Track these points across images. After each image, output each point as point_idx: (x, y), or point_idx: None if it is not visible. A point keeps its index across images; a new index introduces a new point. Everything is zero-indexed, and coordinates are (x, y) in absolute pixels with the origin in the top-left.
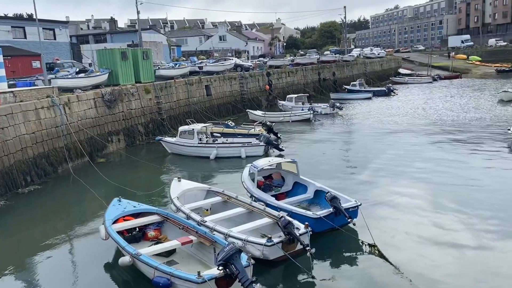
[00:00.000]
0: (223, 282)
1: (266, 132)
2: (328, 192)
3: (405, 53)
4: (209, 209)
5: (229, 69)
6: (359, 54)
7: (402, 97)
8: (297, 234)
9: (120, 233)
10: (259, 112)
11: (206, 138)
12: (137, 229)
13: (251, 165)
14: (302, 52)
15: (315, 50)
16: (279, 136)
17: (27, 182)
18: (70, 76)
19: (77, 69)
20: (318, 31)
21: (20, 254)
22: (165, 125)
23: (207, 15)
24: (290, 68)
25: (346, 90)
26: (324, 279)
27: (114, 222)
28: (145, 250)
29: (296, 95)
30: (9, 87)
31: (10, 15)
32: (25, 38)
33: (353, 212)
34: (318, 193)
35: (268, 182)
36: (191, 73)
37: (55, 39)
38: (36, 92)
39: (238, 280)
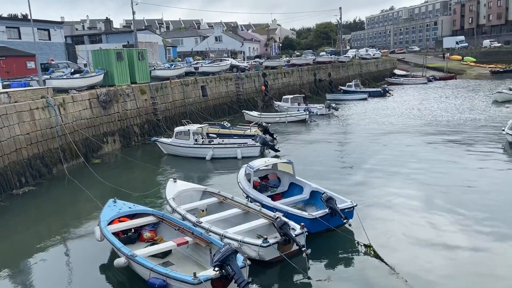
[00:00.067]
0: (219, 283)
1: (262, 133)
2: (324, 192)
3: (400, 54)
4: (205, 210)
5: (225, 70)
6: (355, 55)
7: (397, 98)
8: (293, 235)
9: (115, 234)
10: (255, 113)
11: (202, 138)
12: (133, 230)
13: (247, 166)
14: (298, 53)
15: (311, 51)
16: (275, 137)
17: (21, 183)
18: (65, 77)
19: (72, 70)
20: (314, 32)
21: (15, 255)
22: (160, 126)
23: (203, 16)
24: (286, 69)
25: (342, 91)
26: (320, 280)
27: (110, 223)
28: (141, 251)
29: (292, 96)
30: (3, 88)
31: (4, 15)
32: (20, 38)
33: (348, 212)
34: (314, 193)
35: (264, 182)
36: (187, 73)
37: (50, 39)
38: (31, 93)
39: (234, 281)
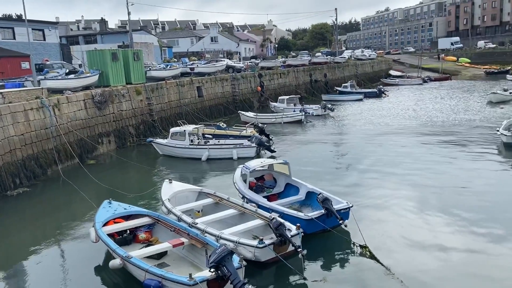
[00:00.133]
0: (215, 284)
1: (258, 134)
2: (320, 193)
3: (396, 55)
4: (201, 210)
5: (220, 71)
6: (350, 56)
7: (392, 99)
8: (289, 236)
9: (110, 235)
10: (250, 114)
11: (198, 139)
12: (128, 232)
13: (243, 166)
14: (294, 54)
15: (307, 51)
16: (270, 137)
17: (16, 184)
18: (59, 77)
19: (67, 70)
20: (310, 32)
21: (9, 257)
22: (156, 126)
23: (199, 16)
24: (282, 70)
25: (338, 92)
26: (316, 280)
27: (105, 225)
28: (136, 253)
29: (287, 97)
30: None
31: None
32: (14, 39)
33: (344, 213)
34: (310, 194)
35: (260, 183)
36: (183, 74)
37: (44, 40)
38: (25, 94)
39: (230, 282)
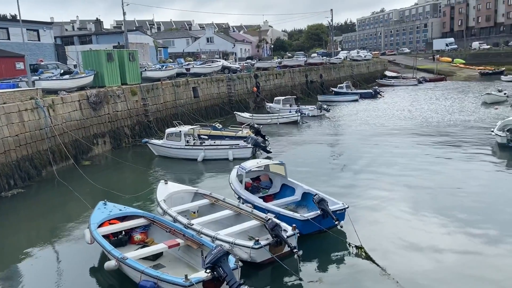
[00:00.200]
0: (210, 285)
1: (254, 134)
2: (316, 194)
3: (391, 55)
4: (196, 211)
5: (216, 71)
6: (346, 57)
7: (388, 99)
8: (285, 236)
9: (105, 237)
10: (246, 114)
11: (193, 140)
12: (123, 233)
13: (239, 167)
14: (290, 54)
15: (303, 52)
16: (266, 138)
17: (10, 185)
18: (54, 78)
19: (62, 71)
20: (306, 33)
21: (3, 259)
22: (151, 127)
23: (194, 17)
24: (278, 70)
25: (333, 92)
26: (312, 281)
27: (100, 226)
28: (131, 254)
29: (283, 97)
30: None
31: None
32: (9, 39)
33: (340, 214)
34: (305, 195)
35: (256, 184)
36: (178, 75)
37: (39, 40)
38: (20, 94)
39: (226, 282)
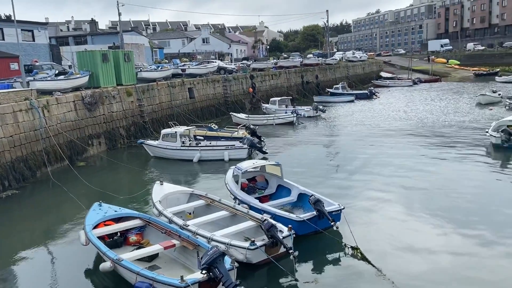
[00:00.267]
0: (206, 286)
1: (250, 135)
2: (312, 195)
3: (387, 56)
4: (192, 212)
5: (212, 72)
6: (342, 58)
7: (383, 100)
8: (281, 237)
9: (101, 238)
10: (242, 115)
11: (189, 141)
12: (119, 234)
13: (235, 167)
14: (286, 55)
15: (298, 53)
16: (262, 139)
17: (4, 187)
18: (49, 78)
19: (57, 71)
20: (301, 34)
21: None
22: (147, 128)
23: (190, 18)
24: (274, 71)
25: (329, 93)
26: (307, 282)
27: (95, 227)
28: (127, 255)
29: (279, 98)
30: None
31: None
32: (3, 39)
33: (336, 215)
34: (301, 196)
35: (252, 184)
36: (174, 75)
37: (34, 40)
38: (14, 95)
39: (222, 283)
